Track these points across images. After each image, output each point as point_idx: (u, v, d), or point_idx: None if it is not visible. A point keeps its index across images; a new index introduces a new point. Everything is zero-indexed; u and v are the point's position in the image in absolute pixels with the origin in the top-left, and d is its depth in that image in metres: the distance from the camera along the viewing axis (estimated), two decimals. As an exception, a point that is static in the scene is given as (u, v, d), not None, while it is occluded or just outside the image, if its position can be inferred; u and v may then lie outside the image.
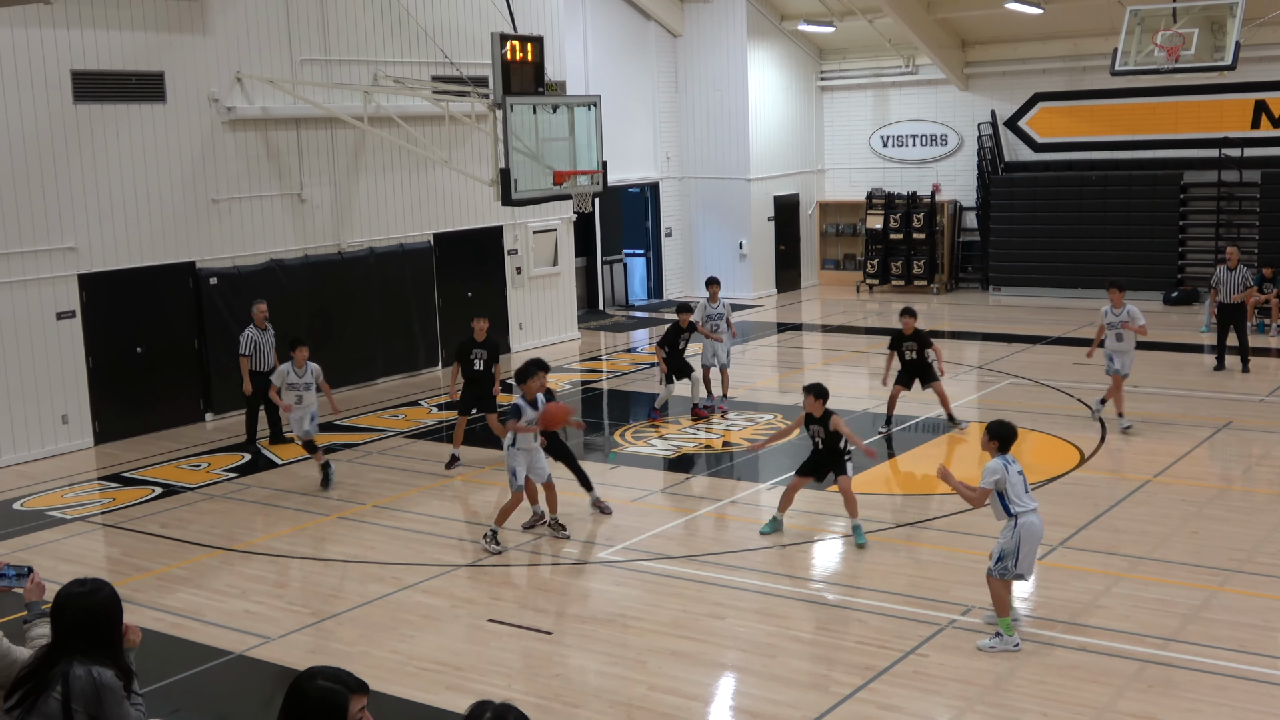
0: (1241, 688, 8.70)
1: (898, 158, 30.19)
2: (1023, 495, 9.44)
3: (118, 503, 14.46)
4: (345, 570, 11.83)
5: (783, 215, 30.02)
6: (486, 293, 22.49)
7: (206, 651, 10.06)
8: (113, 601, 5.38)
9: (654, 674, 9.30)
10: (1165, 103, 26.65)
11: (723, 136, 28.81)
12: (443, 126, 20.06)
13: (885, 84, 30.15)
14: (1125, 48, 21.71)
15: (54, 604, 5.34)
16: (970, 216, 29.61)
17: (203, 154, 18.13)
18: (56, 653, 5.25)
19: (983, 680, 8.94)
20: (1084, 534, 12.06)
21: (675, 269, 29.45)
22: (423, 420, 18.14)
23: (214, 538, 12.97)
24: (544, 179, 16.74)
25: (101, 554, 12.82)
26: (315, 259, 19.58)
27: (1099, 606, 10.25)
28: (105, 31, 16.89)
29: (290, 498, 14.35)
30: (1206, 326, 22.90)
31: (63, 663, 5.21)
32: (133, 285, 17.41)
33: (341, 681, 4.25)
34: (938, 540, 12.02)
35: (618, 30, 27.29)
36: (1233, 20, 21.01)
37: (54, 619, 5.30)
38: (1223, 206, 26.21)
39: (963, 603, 10.37)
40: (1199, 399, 17.51)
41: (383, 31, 20.38)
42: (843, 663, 9.32)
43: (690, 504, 13.60)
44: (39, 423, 16.50)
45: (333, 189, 19.96)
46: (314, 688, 4.22)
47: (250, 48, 18.59)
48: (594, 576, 11.68)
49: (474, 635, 10.20)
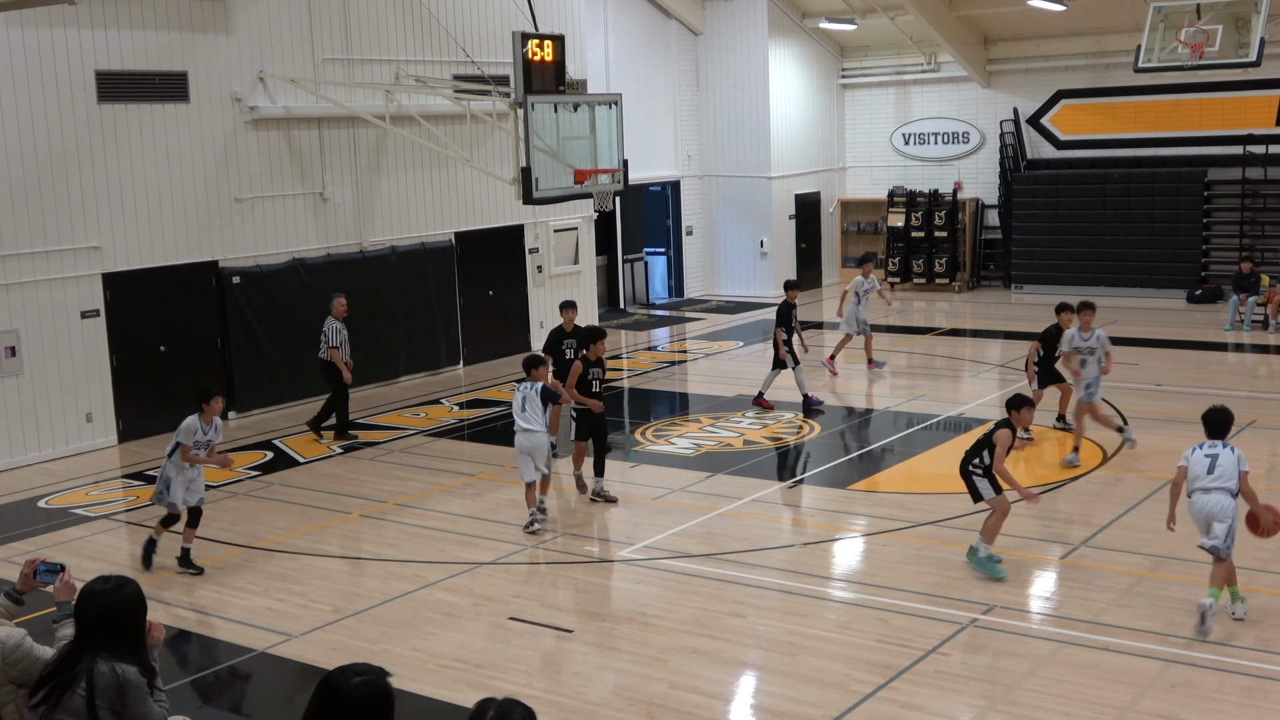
0: (1265, 688, 8.66)
1: (919, 155, 30.10)
2: (1202, 476, 9.97)
3: (141, 500, 14.52)
4: (367, 568, 11.88)
5: (804, 213, 29.96)
6: (508, 291, 22.53)
7: (229, 649, 10.11)
8: (136, 598, 5.41)
9: (674, 672, 9.30)
10: (1189, 100, 26.49)
11: (744, 134, 28.77)
12: (464, 125, 20.10)
13: (907, 81, 30.06)
14: (1149, 44, 21.58)
15: (78, 600, 5.37)
16: (992, 214, 29.49)
17: (225, 153, 18.22)
18: (80, 649, 5.28)
19: (1004, 680, 8.91)
20: (1106, 533, 12.01)
21: (696, 267, 29.43)
22: (444, 419, 18.19)
23: (237, 535, 13.03)
24: (565, 178, 16.75)
25: (125, 552, 12.89)
26: (337, 258, 19.65)
27: (1121, 606, 10.20)
28: (129, 31, 16.98)
29: (313, 495, 14.40)
30: (1231, 325, 22.80)
31: (86, 659, 5.24)
32: (156, 284, 17.50)
33: (374, 671, 4.23)
34: (959, 539, 11.98)
35: (639, 29, 27.30)
36: (1257, 16, 20.86)
37: (78, 616, 5.34)
38: (1247, 204, 26.02)
39: (984, 602, 10.34)
40: (1222, 398, 17.34)
41: (404, 30, 20.43)
42: (864, 661, 9.30)
43: (711, 502, 13.60)
44: (63, 421, 16.60)
45: (354, 188, 20.03)
46: (354, 686, 4.16)
47: (272, 47, 18.67)
48: (614, 574, 11.69)
49: (495, 633, 10.22)
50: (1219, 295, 25.56)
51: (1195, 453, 10.15)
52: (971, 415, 17.08)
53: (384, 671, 4.25)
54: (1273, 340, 21.83)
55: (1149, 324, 23.59)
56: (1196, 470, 10.04)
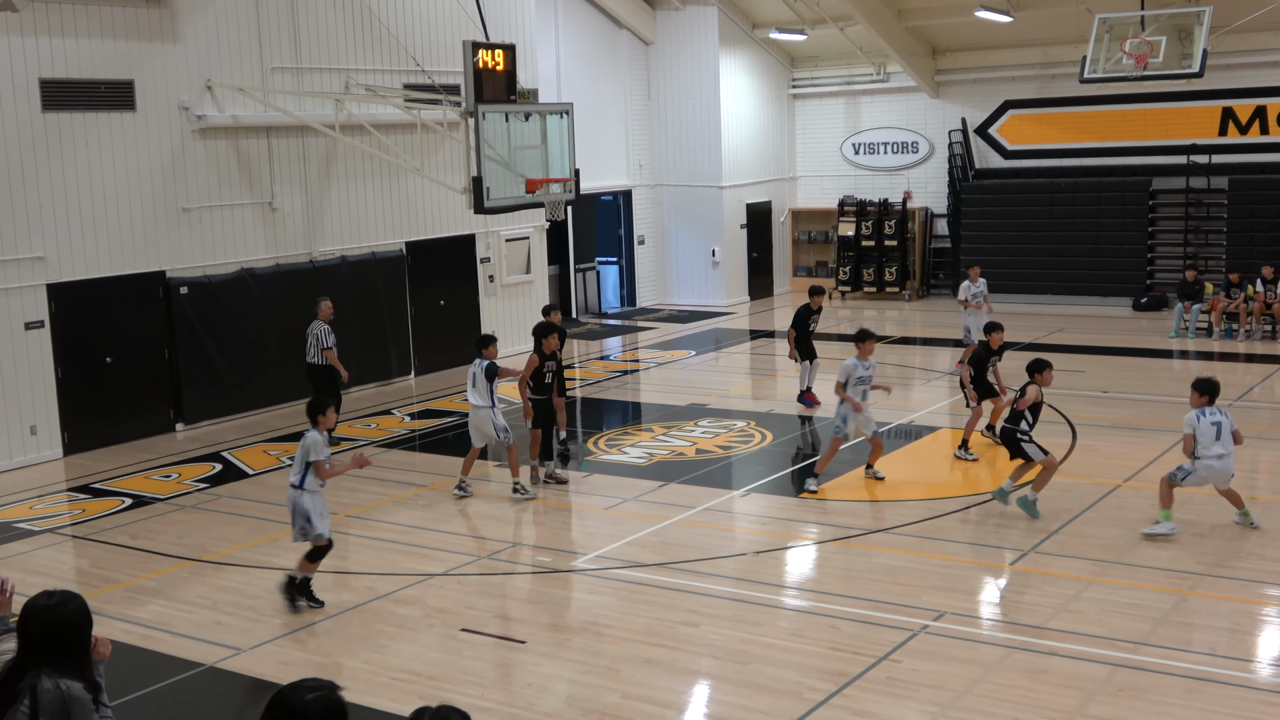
0: (1212, 691, 8.76)
1: (869, 165, 30.32)
2: (1210, 443, 11.74)
3: (87, 514, 14.36)
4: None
5: (755, 222, 30.09)
6: (459, 301, 22.46)
7: (177, 663, 9.99)
8: (81, 614, 5.34)
9: (627, 682, 9.29)
10: (1134, 110, 26.86)
11: (695, 144, 28.86)
12: (415, 134, 20.03)
13: (856, 91, 30.28)
14: (1094, 55, 21.87)
15: (20, 616, 5.29)
16: (941, 223, 29.75)
17: (173, 162, 18.05)
18: (24, 665, 5.20)
19: (955, 685, 8.97)
20: (1055, 539, 12.12)
21: (648, 276, 29.48)
22: (396, 429, 18.09)
23: (184, 549, 12.89)
24: (516, 187, 16.73)
25: (71, 566, 12.72)
26: (287, 267, 19.51)
27: (1070, 611, 10.30)
28: (74, 39, 16.80)
29: (262, 508, 14.27)
30: (1176, 332, 23.10)
31: (30, 675, 5.17)
32: (102, 295, 17.30)
33: (326, 685, 4.21)
34: (910, 546, 12.06)
35: (590, 38, 27.32)
36: (1200, 28, 21.21)
37: (20, 631, 5.25)
38: (1191, 213, 26.42)
39: (935, 608, 10.41)
40: (1168, 404, 17.64)
41: (354, 39, 20.33)
42: (816, 669, 9.33)
43: (664, 511, 13.60)
44: (7, 434, 16.36)
45: (304, 197, 19.90)
46: (307, 701, 4.14)
47: (221, 55, 18.52)
48: (567, 585, 11.66)
49: (447, 645, 10.17)
50: (1164, 303, 25.93)
51: (1201, 420, 11.81)
52: (922, 423, 17.21)
53: (336, 685, 4.23)
54: (1217, 347, 22.15)
55: (1095, 331, 23.88)
56: (1205, 438, 11.73)
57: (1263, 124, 25.75)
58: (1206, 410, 11.89)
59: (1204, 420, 11.81)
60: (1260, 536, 11.99)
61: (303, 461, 10.82)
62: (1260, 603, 10.49)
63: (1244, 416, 16.82)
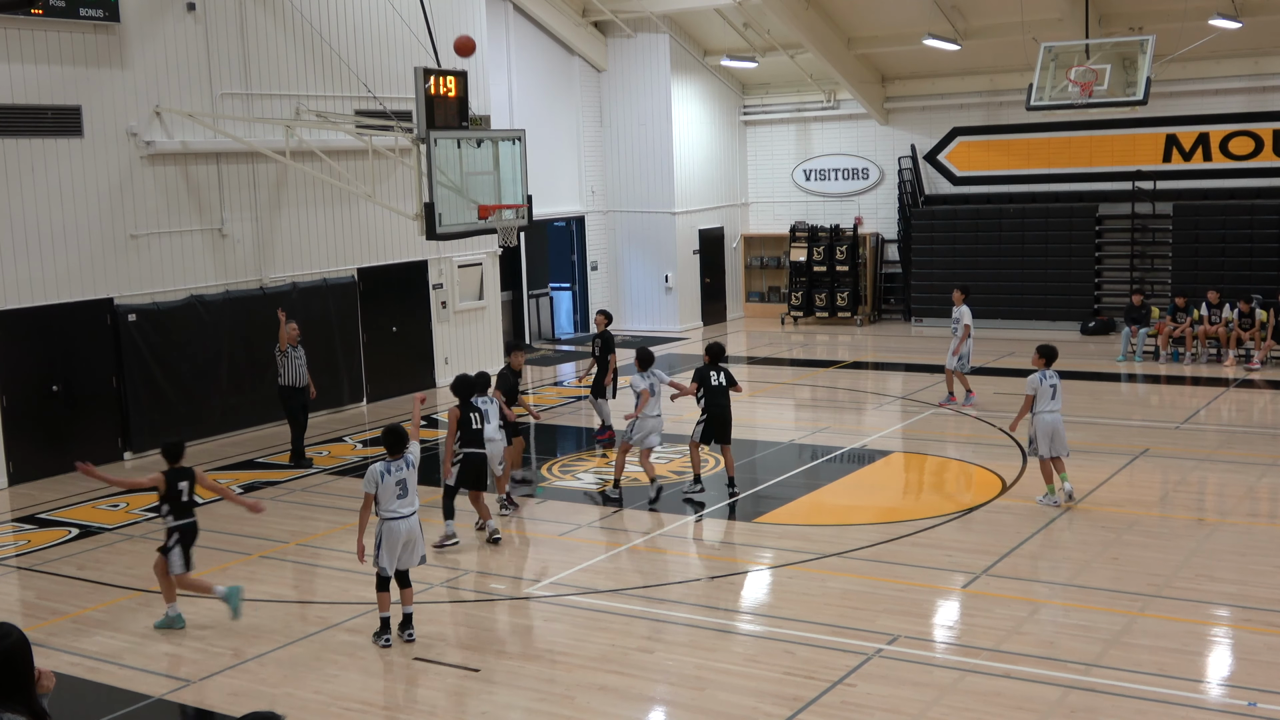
0: (1163, 712, 8.83)
1: (820, 191, 30.53)
2: (1048, 400, 13.68)
3: (33, 545, 14.13)
4: (268, 610, 11.65)
5: (708, 248, 30.21)
6: (412, 327, 22.37)
7: (125, 695, 9.84)
8: (21, 646, 5.23)
9: (582, 709, 9.24)
10: (1080, 137, 27.23)
11: (647, 170, 28.97)
12: (366, 161, 19.96)
13: (807, 118, 30.51)
14: (1040, 83, 22.17)
15: (-39, 651, 5.18)
16: (892, 249, 29.99)
17: (121, 188, 17.88)
18: (-34, 700, 5.10)
19: (909, 709, 8.99)
20: (1006, 561, 12.20)
21: (601, 302, 29.47)
22: (348, 456, 17.95)
23: (133, 579, 12.70)
24: (469, 213, 16.70)
25: (15, 597, 12.51)
26: (237, 294, 19.36)
27: (1021, 633, 10.36)
28: (19, 65, 16.62)
29: (212, 537, 14.04)
30: (1123, 356, 23.38)
31: (-26, 711, 5.06)
32: (49, 322, 17.08)
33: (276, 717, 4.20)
34: (863, 570, 12.10)
35: (542, 65, 27.38)
36: (1144, 56, 21.55)
37: (-38, 666, 5.15)
38: (1137, 238, 26.78)
39: (888, 632, 10.43)
40: (1116, 427, 17.83)
41: (305, 65, 20.26)
42: (771, 694, 9.32)
43: (618, 537, 13.56)
44: (-50, 463, 16.10)
45: (254, 223, 19.76)
46: None
47: (169, 81, 18.39)
48: (521, 612, 11.60)
49: (400, 673, 10.08)
50: (1111, 327, 26.23)
51: (1042, 382, 13.72)
52: (875, 447, 17.28)
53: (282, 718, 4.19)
54: (1164, 370, 22.42)
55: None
56: (1043, 396, 13.67)
57: (1205, 150, 26.20)
58: (1046, 373, 13.77)
59: (1045, 382, 13.72)
60: (1207, 558, 12.12)
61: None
62: (1208, 623, 10.60)
63: (1191, 438, 17.06)
